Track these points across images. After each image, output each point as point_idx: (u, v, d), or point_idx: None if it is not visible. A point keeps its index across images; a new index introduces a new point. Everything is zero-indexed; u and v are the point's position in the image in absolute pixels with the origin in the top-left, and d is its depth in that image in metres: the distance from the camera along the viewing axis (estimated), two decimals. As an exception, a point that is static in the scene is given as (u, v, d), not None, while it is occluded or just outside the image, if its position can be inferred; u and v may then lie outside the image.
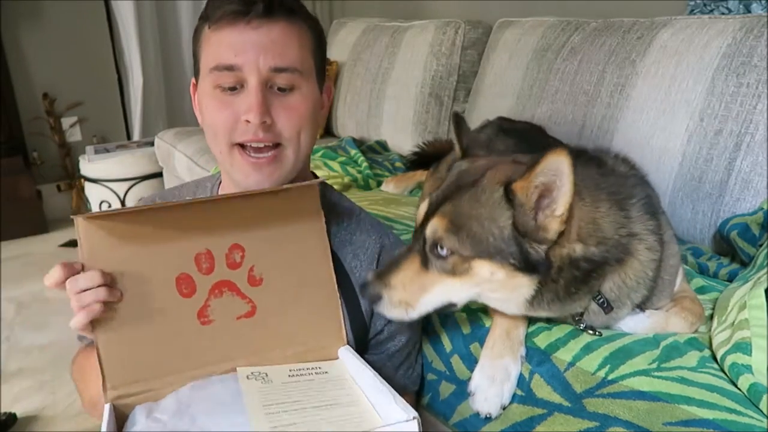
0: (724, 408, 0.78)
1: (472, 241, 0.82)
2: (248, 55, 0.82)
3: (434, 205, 0.87)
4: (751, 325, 0.86)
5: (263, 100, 0.83)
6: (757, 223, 1.22)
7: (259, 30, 0.83)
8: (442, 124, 2.32)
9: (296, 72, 0.85)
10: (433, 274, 0.86)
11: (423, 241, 0.86)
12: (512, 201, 0.81)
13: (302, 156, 0.91)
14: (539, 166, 0.77)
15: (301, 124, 0.88)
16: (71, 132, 3.54)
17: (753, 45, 1.31)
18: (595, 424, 0.81)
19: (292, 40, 0.85)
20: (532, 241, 0.82)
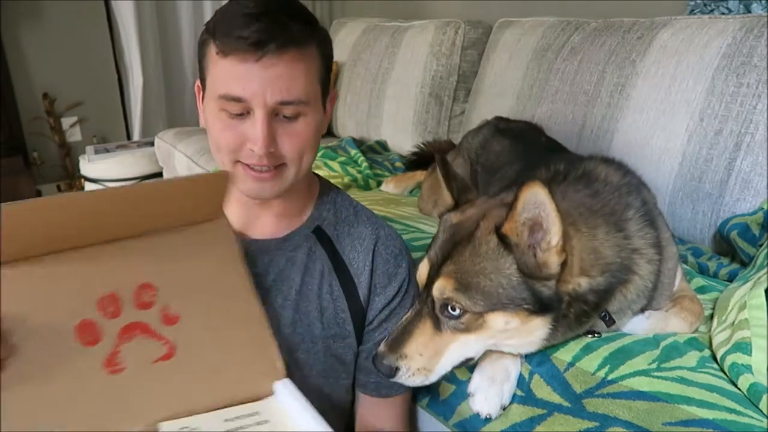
0: (724, 408, 0.78)
1: (482, 296, 0.81)
2: (255, 89, 0.82)
3: (435, 265, 0.86)
4: (751, 325, 0.86)
5: (269, 132, 0.84)
6: (757, 223, 1.22)
7: (269, 66, 0.82)
8: (442, 124, 2.32)
9: (302, 103, 0.86)
10: (446, 334, 0.84)
11: (431, 303, 0.85)
12: (509, 245, 0.81)
13: (303, 172, 0.93)
14: (518, 204, 0.78)
15: (304, 147, 0.89)
16: (71, 132, 3.54)
17: (753, 45, 1.31)
18: (595, 424, 0.81)
19: (300, 72, 0.84)
20: (539, 280, 0.81)
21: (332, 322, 0.99)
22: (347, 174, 2.04)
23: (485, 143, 1.58)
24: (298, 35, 0.83)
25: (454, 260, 0.84)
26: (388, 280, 1.00)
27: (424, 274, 0.88)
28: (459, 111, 2.30)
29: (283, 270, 0.98)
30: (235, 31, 0.80)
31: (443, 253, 0.86)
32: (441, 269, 0.85)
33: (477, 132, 1.65)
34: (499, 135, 1.56)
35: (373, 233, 1.01)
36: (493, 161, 1.50)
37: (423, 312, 0.87)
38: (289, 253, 0.98)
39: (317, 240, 0.99)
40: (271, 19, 0.81)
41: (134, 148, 3.26)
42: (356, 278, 0.99)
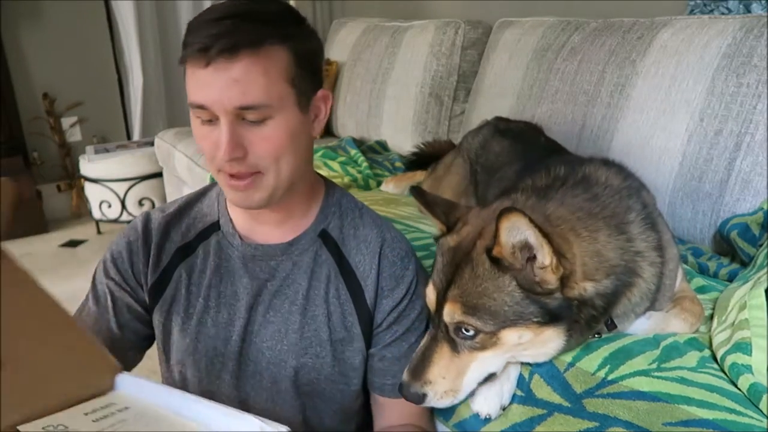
0: (724, 408, 0.78)
1: (490, 316, 0.82)
2: (214, 95, 0.81)
3: (441, 291, 0.87)
4: (751, 325, 0.86)
5: (231, 137, 0.82)
6: (757, 223, 1.22)
7: (221, 70, 0.80)
8: (442, 124, 2.32)
9: (263, 107, 0.82)
10: (464, 355, 0.86)
11: (444, 327, 0.87)
12: (503, 265, 0.82)
13: (284, 178, 0.89)
14: (500, 232, 0.78)
15: (278, 152, 0.86)
16: (71, 132, 3.54)
17: (753, 45, 1.31)
18: (595, 424, 0.81)
19: (257, 75, 0.81)
20: (542, 294, 0.82)
21: (340, 326, 0.98)
22: (347, 174, 2.04)
23: (485, 143, 1.58)
24: (252, 36, 0.80)
25: (457, 284, 0.85)
26: (396, 283, 0.99)
27: (432, 300, 0.89)
28: (459, 111, 2.30)
29: (290, 275, 0.98)
30: (188, 39, 0.81)
31: (446, 277, 0.87)
32: (447, 294, 0.86)
33: (477, 132, 1.65)
34: (498, 135, 1.56)
35: (379, 236, 1.00)
36: (493, 161, 1.50)
37: (438, 336, 0.88)
38: (295, 258, 0.98)
39: (323, 243, 0.99)
40: (220, 24, 0.80)
41: (134, 148, 3.26)
42: (363, 281, 0.98)
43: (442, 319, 0.87)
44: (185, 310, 1.00)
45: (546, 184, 1.02)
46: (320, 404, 1.02)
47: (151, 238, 1.01)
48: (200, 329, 0.99)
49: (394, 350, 1.01)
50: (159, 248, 1.01)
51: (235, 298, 0.99)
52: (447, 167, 1.65)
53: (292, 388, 0.99)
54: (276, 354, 0.98)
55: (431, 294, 0.89)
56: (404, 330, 1.01)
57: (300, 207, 0.98)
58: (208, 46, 0.79)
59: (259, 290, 0.98)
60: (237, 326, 0.99)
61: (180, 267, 1.01)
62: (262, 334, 0.99)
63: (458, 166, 1.61)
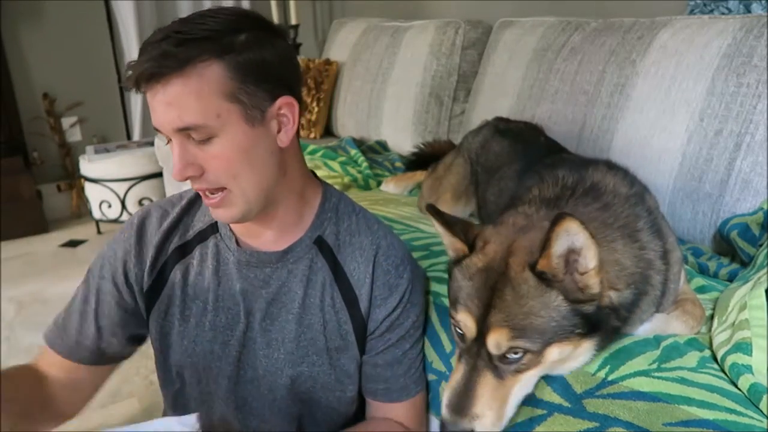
0: (724, 408, 0.78)
1: (539, 335, 0.80)
2: (158, 119, 0.83)
3: (480, 318, 0.82)
4: (751, 326, 0.86)
5: (180, 157, 0.83)
6: (757, 223, 1.22)
7: (155, 95, 0.81)
8: (442, 124, 2.32)
9: (200, 128, 0.81)
10: (508, 379, 0.83)
11: (487, 356, 0.82)
12: (548, 280, 0.80)
13: (252, 195, 0.88)
14: (552, 242, 0.76)
15: (231, 169, 0.84)
16: (71, 132, 3.54)
17: (753, 45, 1.31)
18: (595, 424, 0.81)
19: (189, 96, 0.79)
20: (584, 303, 0.81)
21: (335, 334, 0.98)
22: (347, 174, 2.04)
23: (485, 143, 1.58)
24: (180, 57, 0.79)
25: (498, 308, 0.81)
26: (389, 292, 0.98)
27: (471, 328, 0.83)
28: (459, 111, 2.30)
29: (285, 283, 0.97)
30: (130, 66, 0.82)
31: (482, 302, 0.82)
32: (488, 320, 0.81)
33: (477, 132, 1.66)
34: (498, 135, 1.56)
35: (374, 243, 0.99)
36: (493, 161, 1.50)
37: (479, 366, 0.83)
38: (291, 266, 0.97)
39: (319, 250, 0.98)
40: (145, 51, 0.80)
41: (134, 148, 3.27)
42: (357, 290, 0.97)
43: (484, 348, 0.82)
44: (181, 312, 1.00)
45: (555, 194, 1.00)
46: (316, 411, 1.02)
47: (147, 237, 1.01)
48: (198, 332, 0.99)
49: (387, 357, 1.01)
50: (156, 248, 1.00)
51: (233, 302, 0.98)
52: (447, 167, 1.65)
53: (288, 395, 0.99)
54: (272, 362, 0.98)
55: (469, 322, 0.83)
56: (398, 338, 1.00)
57: (291, 217, 0.97)
58: (132, 76, 0.80)
59: (255, 297, 0.97)
60: (236, 331, 0.98)
61: (176, 268, 1.00)
62: (259, 342, 0.98)
63: (459, 166, 1.61)
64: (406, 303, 1.00)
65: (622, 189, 1.00)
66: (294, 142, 0.93)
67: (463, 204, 1.59)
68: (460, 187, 1.59)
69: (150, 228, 1.01)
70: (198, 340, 0.99)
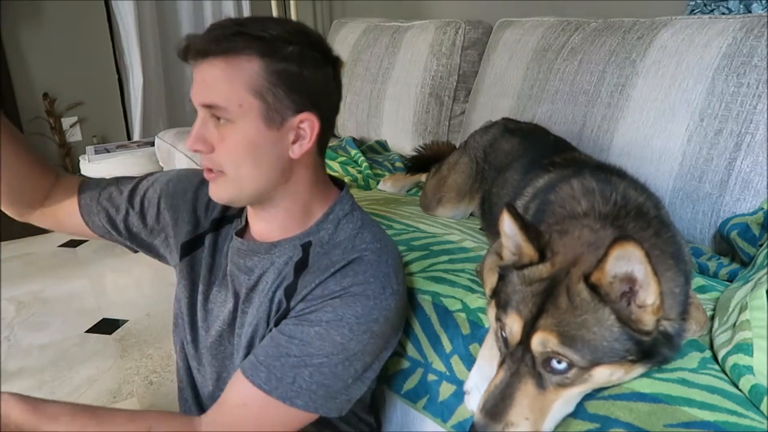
0: (725, 410, 0.78)
1: (588, 349, 0.76)
2: (192, 90, 0.91)
3: (529, 321, 0.79)
4: (752, 326, 0.86)
5: (197, 130, 0.91)
6: (757, 223, 1.22)
7: (197, 70, 0.90)
8: (442, 124, 2.32)
9: (221, 109, 0.89)
10: (550, 392, 0.78)
11: (530, 360, 0.79)
12: (600, 295, 0.76)
13: (246, 188, 0.93)
14: (608, 259, 0.73)
15: (235, 156, 0.91)
16: (71, 132, 3.54)
17: (753, 45, 1.31)
18: (596, 425, 0.81)
19: (222, 79, 0.88)
20: (636, 332, 0.77)
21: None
22: (347, 174, 2.04)
23: (494, 142, 1.58)
24: (226, 44, 0.87)
25: (550, 313, 0.78)
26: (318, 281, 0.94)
27: (517, 331, 0.80)
28: (459, 111, 2.30)
29: (265, 272, 1.01)
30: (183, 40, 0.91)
31: (535, 306, 0.79)
32: (537, 323, 0.79)
33: (485, 131, 1.65)
34: (508, 134, 1.57)
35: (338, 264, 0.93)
36: (502, 159, 1.51)
37: (521, 371, 0.79)
38: (274, 258, 1.00)
39: (300, 253, 0.99)
40: (208, 30, 0.90)
41: (134, 148, 3.27)
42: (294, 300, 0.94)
43: (528, 351, 0.79)
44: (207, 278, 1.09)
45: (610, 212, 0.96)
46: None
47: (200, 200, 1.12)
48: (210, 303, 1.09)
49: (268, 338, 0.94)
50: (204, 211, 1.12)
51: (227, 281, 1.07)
52: (452, 166, 1.65)
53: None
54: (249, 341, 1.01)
55: (515, 324, 0.80)
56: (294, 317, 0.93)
57: (290, 222, 1.00)
58: (186, 47, 0.90)
59: (240, 282, 1.03)
60: (227, 307, 1.06)
61: (209, 236, 1.10)
62: (238, 321, 1.04)
63: (464, 165, 1.61)
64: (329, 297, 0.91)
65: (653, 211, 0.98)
66: (309, 158, 0.97)
67: (467, 203, 1.59)
68: (465, 186, 1.59)
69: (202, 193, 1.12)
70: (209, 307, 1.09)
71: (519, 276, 0.84)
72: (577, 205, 1.00)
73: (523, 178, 1.30)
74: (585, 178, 1.06)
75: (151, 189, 1.14)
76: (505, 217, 0.86)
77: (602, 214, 0.96)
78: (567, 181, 1.07)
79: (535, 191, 1.18)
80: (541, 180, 1.19)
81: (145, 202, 1.13)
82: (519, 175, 1.35)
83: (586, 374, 0.77)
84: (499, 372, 0.82)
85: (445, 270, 1.20)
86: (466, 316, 1.05)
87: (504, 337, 0.83)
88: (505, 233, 0.88)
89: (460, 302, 1.09)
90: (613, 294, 0.76)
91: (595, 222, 0.93)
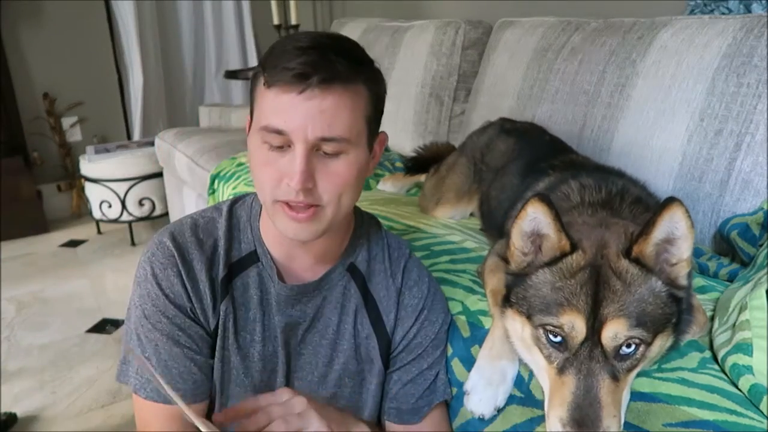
0: (725, 409, 0.78)
1: (652, 323, 0.77)
2: (297, 123, 0.80)
3: (591, 314, 0.77)
4: (752, 326, 0.86)
5: (307, 167, 0.81)
6: (757, 223, 1.22)
7: (311, 101, 0.80)
8: (443, 124, 2.32)
9: (344, 141, 0.83)
10: (622, 380, 0.77)
11: (601, 354, 0.76)
12: (645, 266, 0.79)
13: (342, 214, 0.89)
14: (657, 225, 0.76)
15: (343, 188, 0.86)
16: (71, 132, 3.54)
17: (753, 45, 1.31)
18: (596, 425, 0.81)
19: (345, 109, 0.82)
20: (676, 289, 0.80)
21: (366, 357, 1.00)
22: (347, 174, 2.03)
23: (490, 143, 1.58)
24: (345, 71, 0.81)
25: (609, 299, 0.76)
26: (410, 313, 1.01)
27: (581, 327, 0.77)
28: (459, 111, 2.30)
29: (320, 309, 0.98)
30: (282, 62, 0.80)
31: (590, 298, 0.77)
32: (600, 313, 0.76)
33: (482, 132, 1.66)
34: (504, 134, 1.57)
35: (401, 270, 1.02)
36: (498, 160, 1.51)
37: (595, 369, 0.76)
38: (325, 293, 0.98)
39: (351, 277, 0.99)
40: (318, 54, 0.80)
41: (134, 148, 3.27)
42: (385, 315, 0.99)
43: (597, 348, 0.76)
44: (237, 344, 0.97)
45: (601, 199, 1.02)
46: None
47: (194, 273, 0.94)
48: (248, 364, 0.97)
49: (402, 375, 1.01)
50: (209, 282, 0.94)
51: (275, 332, 0.97)
52: (450, 167, 1.65)
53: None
54: (305, 385, 0.99)
55: (577, 321, 0.77)
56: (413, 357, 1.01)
57: (336, 241, 0.98)
58: (308, 74, 0.78)
59: (294, 326, 0.98)
60: (280, 358, 0.98)
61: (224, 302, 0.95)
62: (292, 365, 0.99)
63: (462, 165, 1.61)
64: (423, 321, 1.01)
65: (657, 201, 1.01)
66: None
67: (465, 203, 1.59)
68: (464, 187, 1.59)
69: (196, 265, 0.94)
70: (250, 372, 0.97)
71: (554, 272, 0.81)
72: (575, 198, 1.03)
73: (522, 182, 1.31)
74: (583, 177, 1.08)
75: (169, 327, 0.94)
76: (530, 211, 0.82)
77: (599, 201, 1.00)
78: (566, 182, 1.08)
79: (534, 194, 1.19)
80: (541, 183, 1.20)
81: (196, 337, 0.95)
82: (518, 178, 1.35)
83: (647, 349, 0.78)
84: (565, 380, 0.77)
85: (446, 270, 1.21)
86: (466, 318, 1.05)
87: (558, 342, 0.79)
88: (521, 232, 0.85)
89: (460, 304, 1.09)
90: (651, 261, 0.79)
91: (587, 209, 0.97)
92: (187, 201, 2.77)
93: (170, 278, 0.92)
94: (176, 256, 0.93)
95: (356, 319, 0.99)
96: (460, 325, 1.05)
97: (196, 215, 1.00)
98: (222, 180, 2.11)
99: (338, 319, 0.98)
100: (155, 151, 3.00)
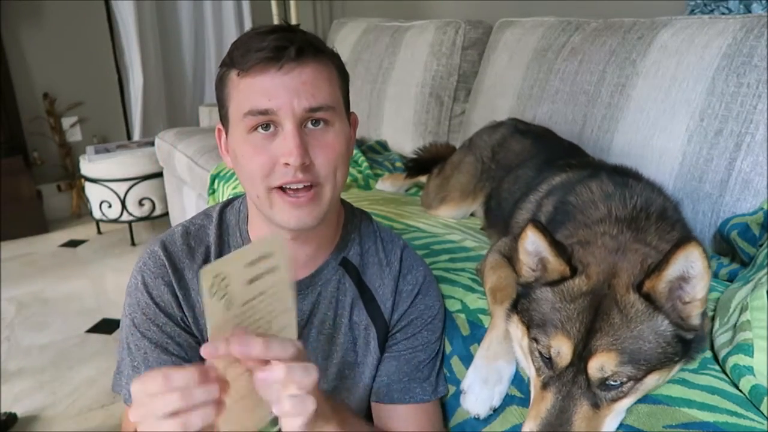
0: (725, 411, 0.78)
1: (646, 361, 0.76)
2: (282, 99, 0.81)
3: (581, 343, 0.77)
4: (753, 327, 0.86)
5: (301, 142, 0.82)
6: (757, 223, 1.22)
7: (291, 74, 0.82)
8: (443, 124, 2.31)
9: (330, 109, 0.85)
10: (603, 408, 0.77)
11: (585, 381, 0.77)
12: (654, 302, 0.77)
13: (338, 192, 0.90)
14: (670, 263, 0.74)
15: (337, 161, 0.86)
16: (71, 132, 3.54)
17: (753, 45, 1.31)
18: (596, 425, 0.81)
19: (323, 79, 0.85)
20: (686, 331, 0.79)
21: (364, 348, 1.00)
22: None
23: (503, 142, 1.57)
24: (314, 41, 0.85)
25: (604, 331, 0.76)
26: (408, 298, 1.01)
27: (567, 353, 0.77)
28: (459, 111, 2.30)
29: (315, 305, 0.98)
30: (252, 48, 0.82)
31: (583, 326, 0.77)
32: (591, 344, 0.76)
33: (493, 131, 1.65)
34: (519, 135, 1.57)
35: (396, 261, 1.02)
36: (512, 159, 1.51)
37: (574, 394, 0.76)
38: (320, 288, 0.97)
39: (345, 272, 0.99)
40: (284, 31, 0.84)
41: (134, 148, 3.26)
42: (382, 305, 0.99)
43: (581, 375, 0.76)
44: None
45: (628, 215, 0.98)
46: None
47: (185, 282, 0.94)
48: None
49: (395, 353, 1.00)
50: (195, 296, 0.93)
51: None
52: (455, 166, 1.64)
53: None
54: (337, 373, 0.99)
55: (564, 346, 0.77)
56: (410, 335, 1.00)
57: (329, 232, 0.97)
58: (284, 47, 0.81)
59: None
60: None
61: None
62: None
63: (468, 164, 1.61)
64: (418, 304, 1.01)
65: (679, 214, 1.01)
66: None
67: (470, 203, 1.59)
68: (469, 186, 1.58)
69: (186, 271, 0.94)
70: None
71: (556, 292, 0.82)
72: (601, 209, 1.00)
73: (538, 175, 1.31)
74: (603, 179, 1.06)
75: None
76: (530, 234, 0.83)
77: (625, 218, 0.97)
78: (585, 184, 1.06)
79: (550, 188, 1.19)
80: (558, 178, 1.20)
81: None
82: (533, 172, 1.36)
83: (638, 384, 0.77)
84: (545, 396, 0.78)
85: (445, 269, 1.21)
86: (465, 317, 1.05)
87: (546, 358, 0.80)
88: (526, 251, 0.86)
89: (459, 302, 1.09)
90: (663, 298, 0.77)
91: (612, 228, 0.94)
92: (187, 201, 2.77)
93: (160, 287, 0.92)
94: (167, 265, 0.93)
95: (352, 312, 0.98)
96: (459, 324, 1.05)
97: (187, 223, 1.00)
98: (222, 180, 2.11)
99: (334, 314, 0.98)
100: (155, 151, 3.00)
